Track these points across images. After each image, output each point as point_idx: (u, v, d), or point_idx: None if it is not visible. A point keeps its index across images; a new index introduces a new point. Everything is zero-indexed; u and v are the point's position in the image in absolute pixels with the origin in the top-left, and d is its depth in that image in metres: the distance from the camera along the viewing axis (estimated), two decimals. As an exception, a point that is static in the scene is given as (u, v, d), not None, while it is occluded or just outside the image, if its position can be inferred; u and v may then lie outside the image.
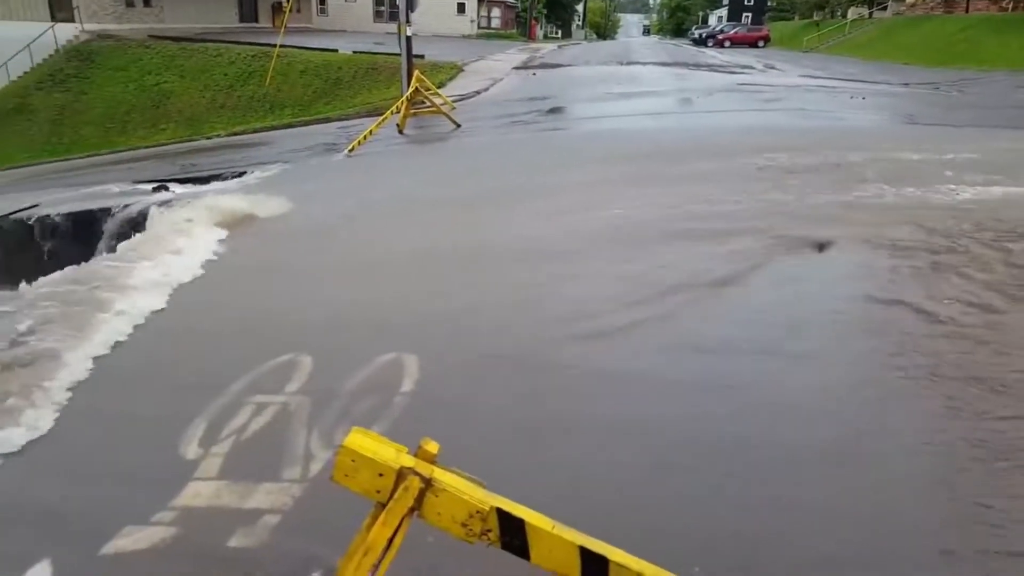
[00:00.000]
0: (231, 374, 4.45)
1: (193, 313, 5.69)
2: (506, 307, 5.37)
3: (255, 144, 16.49)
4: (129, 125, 23.66)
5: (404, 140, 13.79)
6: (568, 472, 3.38)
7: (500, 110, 16.04)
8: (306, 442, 3.72)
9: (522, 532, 1.61)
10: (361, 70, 23.16)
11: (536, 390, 4.16)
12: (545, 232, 7.02)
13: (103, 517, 3.18)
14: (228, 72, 24.50)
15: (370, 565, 1.60)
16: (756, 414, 3.78)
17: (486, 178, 9.55)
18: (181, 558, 2.90)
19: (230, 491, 3.33)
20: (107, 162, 17.76)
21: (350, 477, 1.63)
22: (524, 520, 1.61)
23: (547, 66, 25.07)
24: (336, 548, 2.84)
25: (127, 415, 4.16)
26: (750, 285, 5.42)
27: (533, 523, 1.61)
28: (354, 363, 4.52)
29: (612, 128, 13.15)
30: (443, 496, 1.61)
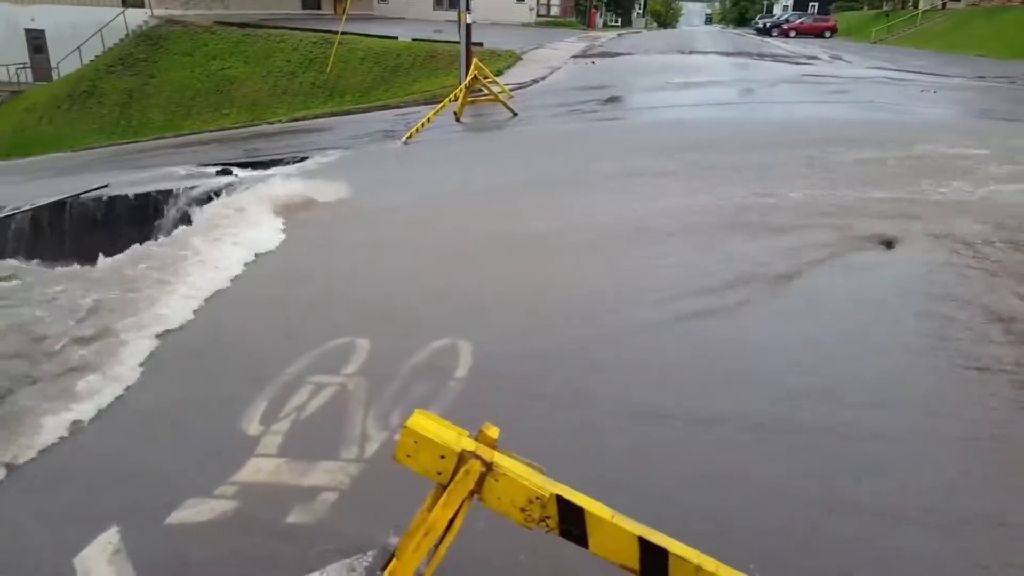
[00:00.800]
0: (291, 354, 4.55)
1: (255, 294, 5.83)
2: (560, 297, 5.35)
3: (315, 130, 16.76)
4: (194, 109, 24.30)
5: (461, 128, 13.83)
6: (623, 463, 3.36)
7: (558, 99, 15.95)
8: (363, 423, 3.79)
9: (581, 520, 1.60)
10: (420, 58, 23.29)
11: (590, 382, 4.14)
12: (601, 222, 6.97)
13: (168, 488, 3.29)
14: (290, 58, 24.94)
15: (430, 545, 1.62)
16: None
17: (542, 167, 9.51)
18: (241, 532, 2.98)
19: (289, 468, 3.41)
20: (172, 145, 18.29)
21: (412, 457, 1.65)
22: (583, 508, 1.61)
23: (606, 55, 24.79)
24: (391, 528, 2.90)
25: (191, 391, 4.29)
26: (813, 280, 5.28)
27: (592, 511, 1.61)
28: (410, 347, 4.57)
29: (672, 118, 12.95)
30: (503, 481, 1.61)
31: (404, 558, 1.63)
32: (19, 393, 4.04)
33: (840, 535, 2.85)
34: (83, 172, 14.24)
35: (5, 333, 4.80)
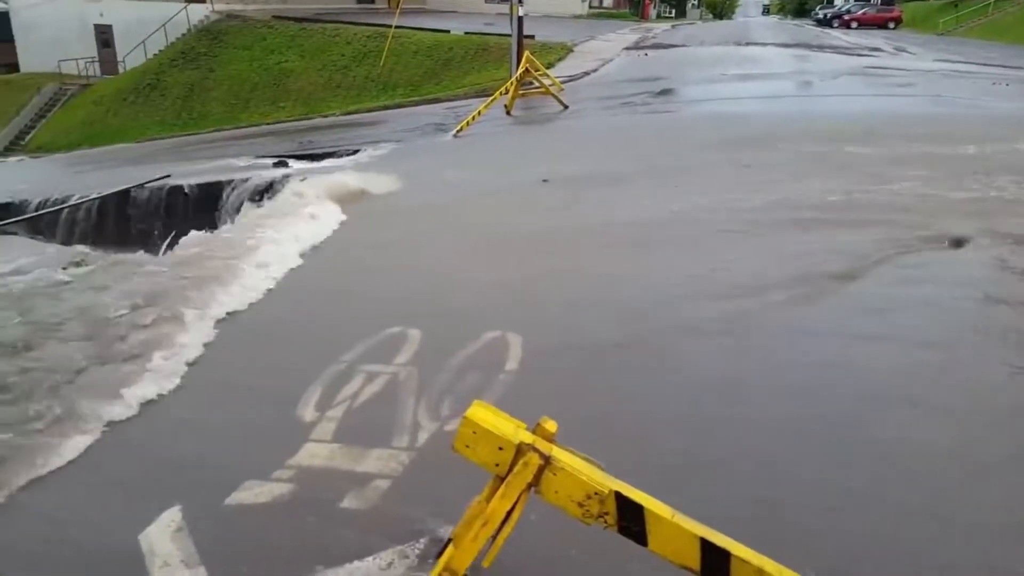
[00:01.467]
0: (345, 343, 4.62)
1: (309, 283, 5.94)
2: (611, 291, 5.31)
3: (367, 123, 16.97)
4: (251, 102, 24.83)
5: (511, 121, 13.82)
6: (676, 460, 3.32)
7: (609, 91, 15.81)
8: (414, 412, 3.83)
9: (640, 518, 1.59)
10: (471, 51, 23.34)
11: (641, 379, 4.10)
12: (652, 216, 6.90)
13: (227, 469, 3.38)
14: (344, 52, 25.26)
15: (488, 535, 1.63)
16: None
17: (593, 160, 9.45)
18: (297, 515, 3.05)
19: (343, 454, 3.47)
20: (231, 137, 18.74)
21: (471, 448, 1.65)
22: (643, 506, 1.59)
23: (660, 46, 24.44)
24: (442, 518, 2.93)
25: (250, 375, 4.40)
26: (874, 280, 5.13)
27: (653, 510, 1.59)
28: (460, 339, 4.60)
29: (727, 111, 12.71)
30: (561, 475, 1.61)
31: (462, 547, 1.64)
32: (88, 373, 4.20)
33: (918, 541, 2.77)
34: (146, 163, 14.71)
35: (76, 315, 5.00)
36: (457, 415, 3.75)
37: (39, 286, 6.15)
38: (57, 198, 11.25)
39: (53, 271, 6.86)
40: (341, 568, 2.69)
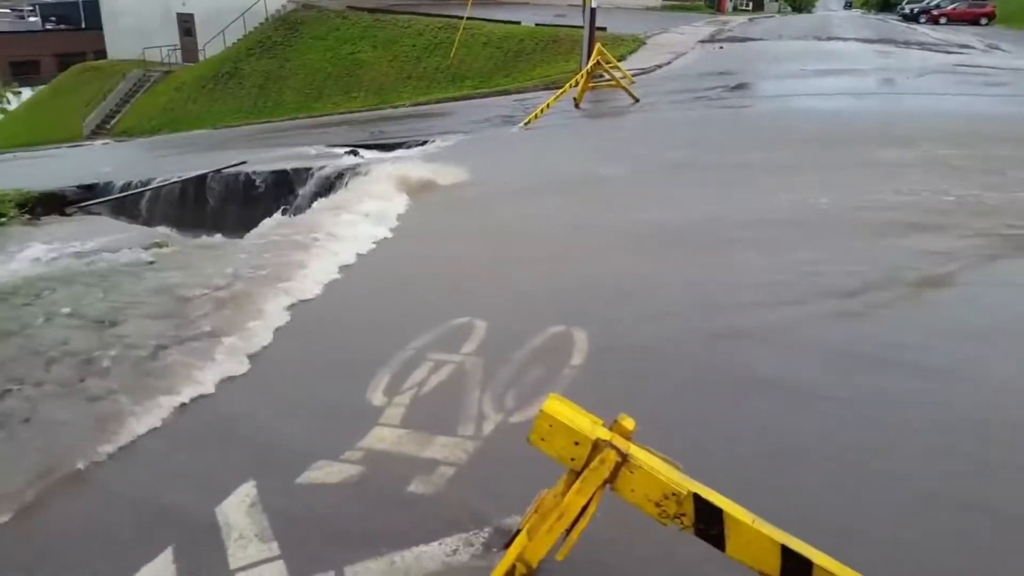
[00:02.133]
0: (412, 330, 4.68)
1: (378, 271, 6.03)
2: (680, 290, 5.23)
3: (437, 114, 17.13)
4: (325, 92, 25.36)
5: (580, 114, 13.74)
6: (748, 464, 3.25)
7: (682, 85, 15.54)
8: (479, 402, 3.85)
9: (719, 522, 1.56)
10: (542, 43, 23.27)
11: (708, 381, 4.03)
12: (723, 213, 6.75)
13: (299, 448, 3.47)
14: (416, 43, 25.54)
15: (562, 529, 1.62)
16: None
17: (663, 154, 9.31)
18: (366, 496, 3.11)
19: (410, 439, 3.51)
20: (304, 126, 19.19)
21: (546, 441, 1.65)
22: (723, 510, 1.56)
23: (735, 40, 23.87)
24: (506, 509, 2.94)
25: (321, 357, 4.51)
26: (962, 286, 4.92)
27: (732, 514, 1.56)
28: (526, 332, 4.60)
29: (804, 107, 12.34)
30: (638, 474, 1.59)
31: (536, 539, 1.64)
32: (169, 350, 4.37)
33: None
34: (223, 149, 15.18)
35: (158, 294, 5.21)
36: (521, 407, 3.78)
37: (123, 265, 6.43)
38: (139, 181, 11.70)
39: (136, 251, 7.16)
40: (408, 551, 2.73)
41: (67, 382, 4.08)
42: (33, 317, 5.04)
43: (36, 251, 7.49)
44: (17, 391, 4.01)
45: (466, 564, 2.67)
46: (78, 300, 5.24)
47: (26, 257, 7.27)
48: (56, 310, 5.09)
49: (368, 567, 2.67)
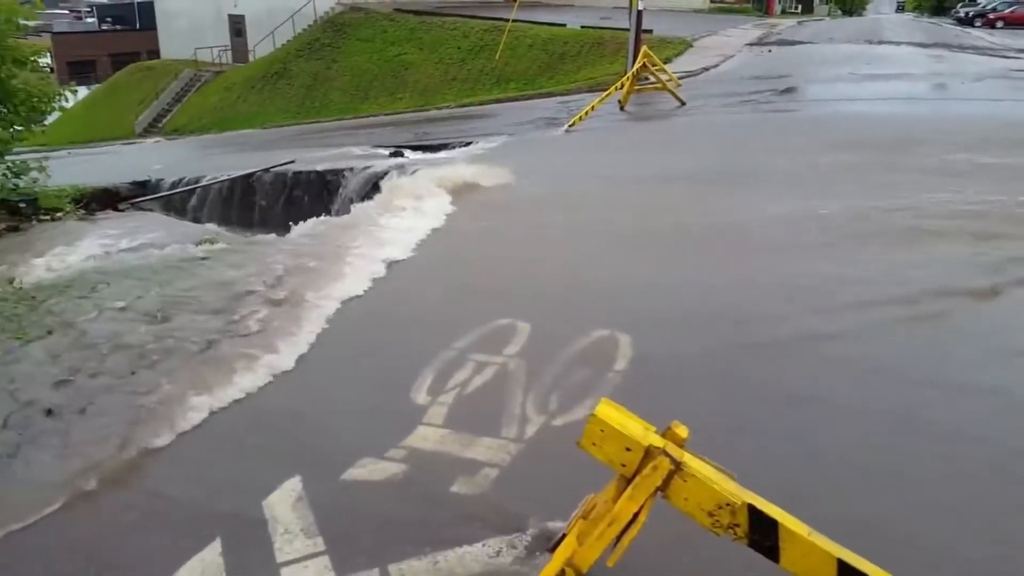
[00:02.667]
0: (455, 331, 4.70)
1: (422, 271, 6.07)
2: (725, 296, 5.15)
3: (480, 116, 17.19)
4: (371, 93, 25.65)
5: (625, 117, 13.65)
6: (794, 472, 3.19)
7: (729, 88, 15.33)
8: (522, 404, 3.85)
9: (774, 533, 1.53)
10: (587, 45, 23.19)
11: (754, 388, 3.96)
12: (770, 217, 6.64)
13: (344, 445, 3.51)
14: (461, 46, 25.67)
15: (613, 535, 1.61)
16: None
17: (709, 158, 9.20)
18: (409, 495, 3.13)
19: (453, 440, 3.53)
20: (350, 126, 19.43)
21: (597, 446, 1.64)
22: (777, 521, 1.53)
23: (784, 43, 23.46)
24: (549, 513, 2.93)
25: (367, 355, 4.55)
26: (1014, 298, 4.76)
27: (788, 526, 1.53)
28: (569, 335, 4.59)
29: (854, 112, 12.08)
30: (691, 482, 1.57)
31: (587, 544, 1.63)
32: (220, 345, 4.46)
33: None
34: (271, 148, 15.46)
35: (208, 289, 5.32)
36: (565, 411, 3.77)
37: (175, 260, 6.58)
38: (189, 179, 11.98)
39: (187, 247, 7.32)
40: (451, 551, 2.74)
41: (120, 374, 4.19)
42: (88, 310, 5.18)
43: (91, 245, 7.70)
44: (73, 382, 4.13)
45: (509, 567, 2.67)
46: (132, 294, 5.38)
47: (81, 251, 7.48)
48: (110, 304, 5.23)
49: (412, 565, 2.68)
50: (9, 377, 4.18)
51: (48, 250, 7.47)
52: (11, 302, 5.55)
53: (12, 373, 4.23)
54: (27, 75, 10.45)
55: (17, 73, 10.24)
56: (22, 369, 4.29)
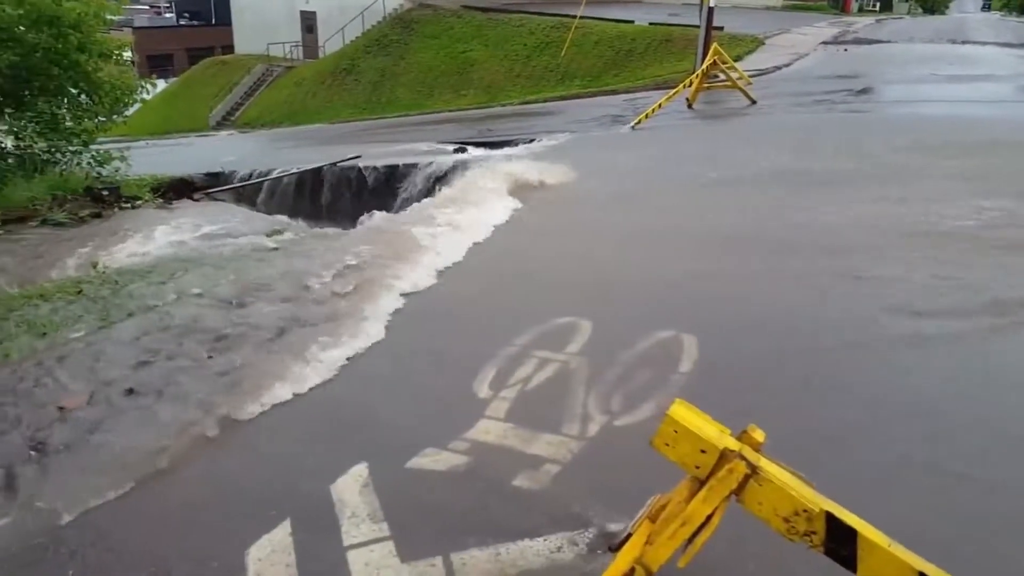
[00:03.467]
0: (518, 327, 4.73)
1: (484, 266, 6.11)
2: (795, 301, 5.04)
3: (544, 113, 17.17)
4: (436, 90, 25.92)
5: (693, 115, 13.45)
6: (867, 481, 3.10)
7: (802, 87, 14.94)
8: (584, 402, 3.85)
9: (852, 542, 1.49)
10: (654, 42, 22.91)
11: (826, 397, 3.87)
12: (842, 223, 6.45)
13: (408, 434, 3.57)
14: (527, 42, 25.69)
15: (685, 536, 1.60)
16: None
17: (781, 159, 8.98)
18: (472, 486, 3.16)
19: (515, 434, 3.55)
20: (415, 122, 19.68)
21: (670, 447, 1.63)
22: (857, 531, 1.49)
23: (861, 42, 22.68)
24: (611, 511, 2.92)
25: (429, 348, 4.61)
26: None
27: (867, 536, 1.49)
28: (632, 334, 4.56)
29: (935, 114, 11.62)
30: (767, 487, 1.54)
31: (658, 543, 1.62)
32: (291, 332, 4.59)
33: None
34: (338, 143, 15.79)
35: (280, 279, 5.48)
36: (628, 411, 3.75)
37: (248, 249, 6.81)
38: (260, 171, 12.34)
39: (259, 237, 7.56)
40: (513, 544, 2.76)
41: (196, 357, 4.36)
42: (167, 295, 5.41)
43: (169, 233, 8.02)
44: (152, 363, 4.32)
45: (570, 563, 2.68)
46: (208, 281, 5.58)
47: (160, 238, 7.81)
48: (188, 289, 5.44)
49: (474, 555, 2.71)
50: (95, 356, 4.39)
51: (129, 236, 7.82)
52: (95, 285, 5.83)
53: (97, 352, 4.45)
54: (111, 68, 10.95)
55: (103, 66, 10.74)
56: (106, 349, 4.50)
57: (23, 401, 3.96)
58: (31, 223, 8.19)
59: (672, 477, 2.24)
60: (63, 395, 3.99)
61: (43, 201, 8.60)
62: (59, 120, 10.34)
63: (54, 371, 4.26)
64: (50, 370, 4.27)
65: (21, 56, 9.27)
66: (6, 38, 9.08)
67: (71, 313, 5.15)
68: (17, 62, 9.20)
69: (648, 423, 3.58)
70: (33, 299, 5.44)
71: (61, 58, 9.80)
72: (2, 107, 9.96)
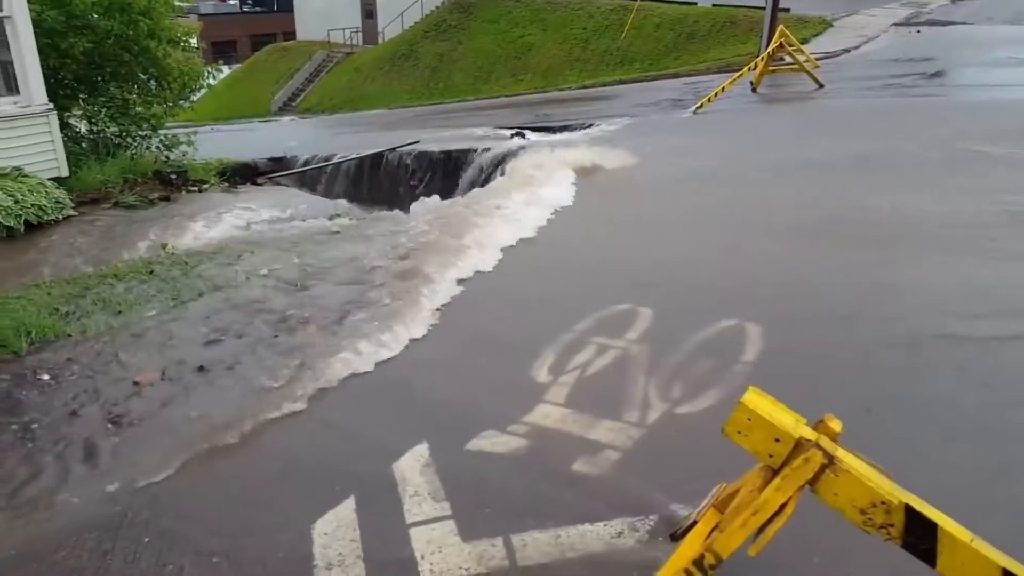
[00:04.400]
0: (576, 313, 4.72)
1: (542, 252, 6.10)
2: (863, 291, 4.88)
3: (603, 97, 16.97)
4: (493, 74, 25.87)
5: (757, 99, 13.11)
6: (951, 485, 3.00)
7: (871, 71, 14.39)
8: (644, 389, 3.82)
9: (932, 536, 1.45)
10: (717, 24, 22.35)
11: (896, 391, 3.75)
12: (916, 211, 6.22)
13: (468, 416, 3.61)
14: (586, 26, 25.39)
15: (757, 525, 1.57)
16: None
17: (849, 144, 8.69)
18: (532, 469, 3.18)
19: (574, 419, 3.55)
20: (472, 107, 19.68)
21: (743, 435, 1.60)
22: (937, 524, 1.45)
23: (935, 23, 21.71)
24: (672, 499, 2.90)
25: (488, 331, 4.64)
26: None
27: (948, 530, 1.44)
28: (693, 322, 4.50)
29: (1013, 99, 11.05)
30: (844, 478, 1.51)
31: (729, 531, 1.61)
32: (354, 314, 4.68)
33: None
34: (396, 128, 15.92)
35: (343, 262, 5.58)
36: (689, 399, 3.71)
37: (311, 233, 6.94)
38: (321, 156, 12.54)
39: (321, 221, 7.70)
40: (573, 528, 2.77)
41: (263, 336, 4.48)
42: (234, 276, 5.56)
43: (234, 216, 8.23)
44: (221, 342, 4.46)
45: (631, 548, 2.67)
46: (273, 263, 5.72)
47: (226, 221, 8.02)
48: (255, 271, 5.59)
49: (535, 537, 2.73)
50: (168, 334, 4.56)
51: (196, 219, 8.05)
52: (166, 265, 6.03)
53: (170, 330, 4.62)
54: (178, 54, 11.25)
55: (171, 52, 11.04)
56: (178, 328, 4.67)
57: (100, 376, 4.14)
58: (104, 205, 8.50)
59: (735, 466, 2.21)
60: (138, 371, 4.16)
61: (115, 184, 8.91)
62: (130, 105, 10.67)
63: (129, 348, 4.45)
64: (125, 346, 4.46)
65: (95, 43, 9.58)
66: (81, 25, 9.39)
67: (144, 292, 5.34)
68: (91, 48, 9.51)
69: (710, 412, 3.54)
70: (108, 278, 5.66)
71: (132, 44, 10.09)
72: (76, 92, 10.31)
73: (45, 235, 7.25)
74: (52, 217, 7.51)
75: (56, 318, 4.78)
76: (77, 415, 3.74)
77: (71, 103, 10.18)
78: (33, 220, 7.31)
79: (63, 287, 5.42)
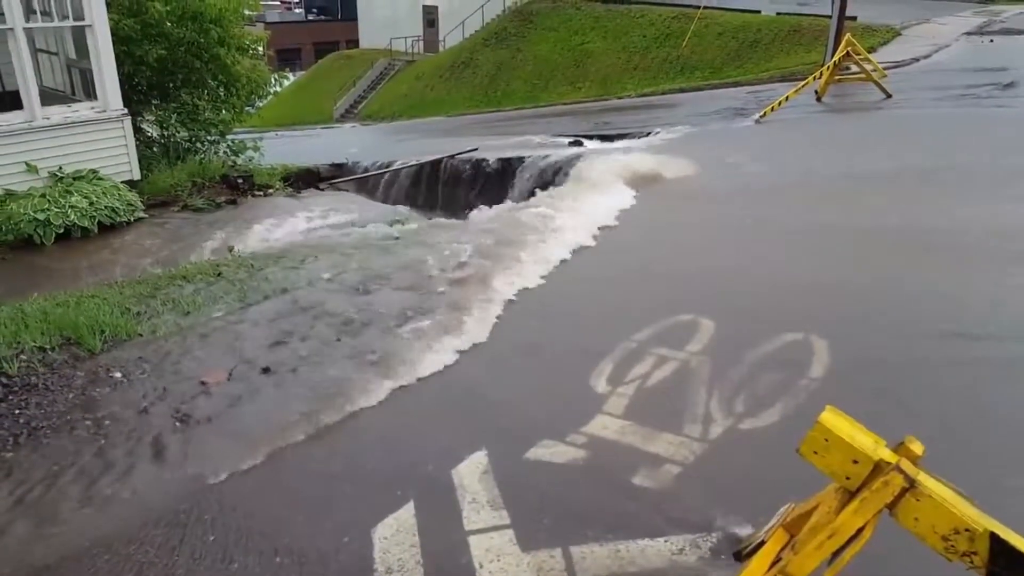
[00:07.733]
0: (635, 323, 4.67)
1: (603, 259, 6.07)
2: (939, 306, 4.71)
3: (662, 106, 16.81)
4: (551, 82, 25.90)
5: (822, 108, 12.81)
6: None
7: (941, 80, 13.91)
8: (706, 403, 3.76)
9: (1019, 566, 1.38)
10: (781, 32, 21.93)
11: (973, 410, 3.60)
12: (982, 224, 5.98)
13: (526, 425, 3.60)
14: (646, 34, 25.21)
15: (834, 548, 1.53)
16: None
17: (917, 156, 8.42)
18: (591, 481, 3.16)
19: (634, 432, 3.52)
20: (531, 115, 19.73)
21: (819, 455, 1.56)
22: (1027, 556, 1.38)
23: (1009, 32, 20.87)
24: (736, 517, 2.84)
25: (546, 340, 4.63)
26: None
27: (1040, 563, 1.38)
28: (756, 335, 4.41)
29: (1098, 109, 10.56)
30: (925, 503, 1.45)
31: (804, 553, 1.56)
32: (414, 320, 4.73)
33: None
34: (455, 135, 16.06)
35: (403, 268, 5.65)
36: (753, 414, 3.63)
37: (372, 238, 7.04)
38: (381, 162, 12.73)
39: (381, 227, 7.81)
40: (633, 543, 2.74)
41: (327, 339, 4.56)
42: (298, 280, 5.68)
43: (298, 220, 8.43)
44: (287, 344, 4.55)
45: (692, 566, 2.63)
46: (336, 267, 5.82)
47: (290, 225, 8.21)
48: (317, 275, 5.70)
49: (594, 550, 2.71)
50: (235, 335, 4.68)
51: (261, 223, 8.27)
52: (233, 267, 6.19)
53: (237, 331, 4.74)
54: (246, 61, 11.59)
55: (240, 60, 11.38)
56: (244, 329, 4.79)
57: (169, 375, 4.27)
58: (173, 208, 8.80)
59: (802, 485, 2.15)
60: (205, 370, 4.28)
61: (184, 187, 9.21)
62: (199, 111, 11.04)
63: (197, 348, 4.57)
64: (193, 347, 4.59)
65: (167, 50, 9.94)
66: (155, 33, 9.76)
67: (211, 294, 5.50)
68: (164, 56, 9.87)
69: (774, 428, 3.46)
70: (176, 280, 5.84)
71: (203, 51, 10.44)
72: (149, 98, 10.72)
73: (118, 236, 7.55)
74: (124, 219, 7.81)
75: (128, 317, 4.94)
76: (147, 412, 3.87)
77: (144, 108, 10.59)
78: (106, 221, 7.62)
79: (134, 287, 5.61)
